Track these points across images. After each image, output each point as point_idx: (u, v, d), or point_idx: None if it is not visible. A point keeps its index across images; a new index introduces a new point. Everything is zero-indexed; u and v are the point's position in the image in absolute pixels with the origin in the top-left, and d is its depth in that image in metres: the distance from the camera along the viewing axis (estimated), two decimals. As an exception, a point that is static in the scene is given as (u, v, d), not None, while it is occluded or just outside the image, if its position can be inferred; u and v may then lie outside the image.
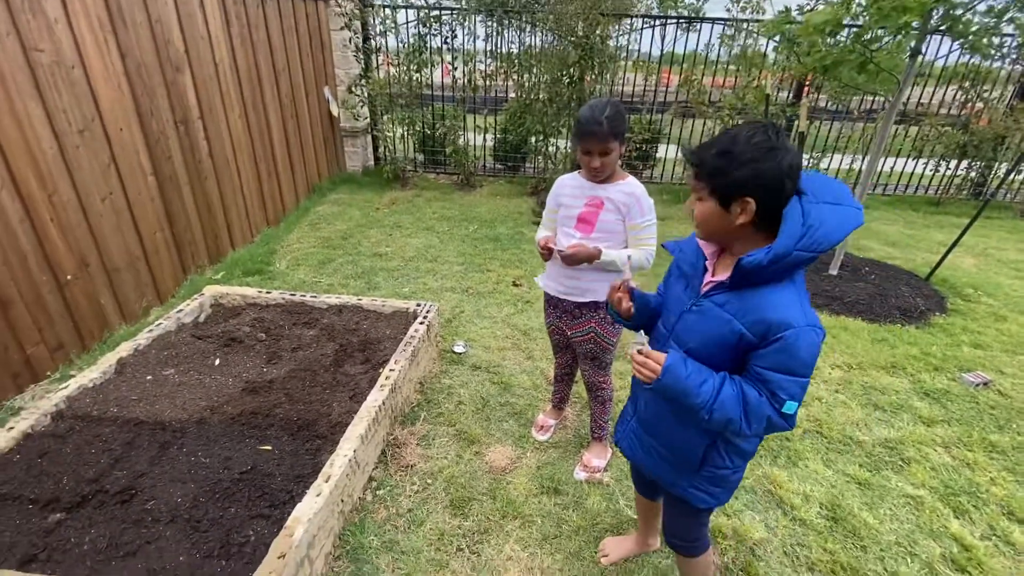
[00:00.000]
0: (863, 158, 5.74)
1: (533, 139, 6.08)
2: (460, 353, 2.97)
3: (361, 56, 5.81)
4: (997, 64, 5.76)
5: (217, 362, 2.51)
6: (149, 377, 2.36)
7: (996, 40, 3.37)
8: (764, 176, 1.06)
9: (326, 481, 1.74)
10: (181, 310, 2.82)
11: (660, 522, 1.89)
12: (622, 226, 1.85)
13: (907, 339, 3.29)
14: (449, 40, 5.72)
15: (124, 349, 2.49)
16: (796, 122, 4.70)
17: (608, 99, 1.74)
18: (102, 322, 2.93)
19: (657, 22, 5.79)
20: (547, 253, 1.88)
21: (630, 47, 5.96)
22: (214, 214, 3.84)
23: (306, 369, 2.46)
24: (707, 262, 1.24)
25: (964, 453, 2.41)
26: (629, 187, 1.83)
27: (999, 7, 3.08)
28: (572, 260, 1.82)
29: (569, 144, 5.90)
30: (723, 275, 1.19)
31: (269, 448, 1.99)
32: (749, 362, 1.14)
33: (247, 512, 1.73)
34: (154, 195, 3.25)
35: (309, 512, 1.62)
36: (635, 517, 2.01)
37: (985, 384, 2.88)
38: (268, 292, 3.04)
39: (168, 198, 3.37)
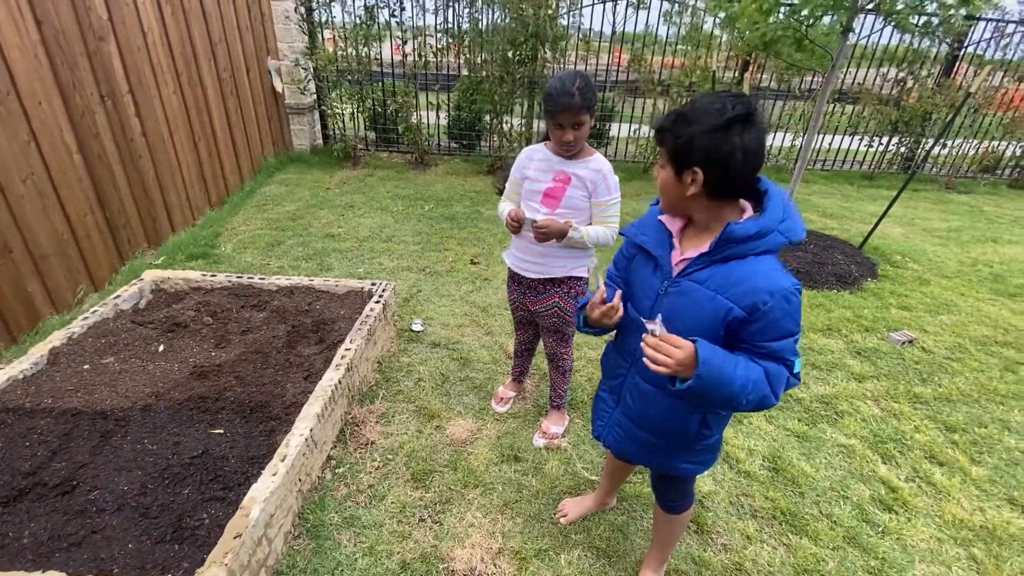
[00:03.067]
0: (803, 135, 5.98)
1: (487, 117, 6.01)
2: (418, 331, 2.96)
3: (305, 24, 5.56)
4: (926, 43, 6.10)
5: (161, 348, 2.40)
6: (86, 366, 2.24)
7: (922, 19, 3.56)
8: (710, 147, 1.02)
9: (282, 460, 1.72)
10: (119, 296, 2.68)
11: (622, 484, 1.96)
12: (588, 203, 1.85)
13: (842, 303, 3.50)
14: (397, 13, 5.55)
15: (57, 338, 2.34)
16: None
17: (575, 71, 1.71)
18: (31, 312, 2.74)
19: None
20: (517, 225, 1.83)
21: (580, 26, 5.94)
22: (151, 196, 3.63)
23: (257, 352, 2.40)
24: (673, 239, 1.20)
25: (891, 405, 2.61)
26: (597, 164, 1.82)
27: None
28: (544, 236, 1.80)
29: (523, 123, 5.87)
30: (692, 252, 1.15)
31: (221, 431, 1.94)
32: (748, 339, 1.09)
33: (200, 496, 1.68)
34: (82, 175, 3.04)
35: (265, 491, 1.59)
36: (592, 479, 2.08)
37: (910, 342, 3.12)
38: (213, 275, 2.92)
39: (98, 179, 3.16)
